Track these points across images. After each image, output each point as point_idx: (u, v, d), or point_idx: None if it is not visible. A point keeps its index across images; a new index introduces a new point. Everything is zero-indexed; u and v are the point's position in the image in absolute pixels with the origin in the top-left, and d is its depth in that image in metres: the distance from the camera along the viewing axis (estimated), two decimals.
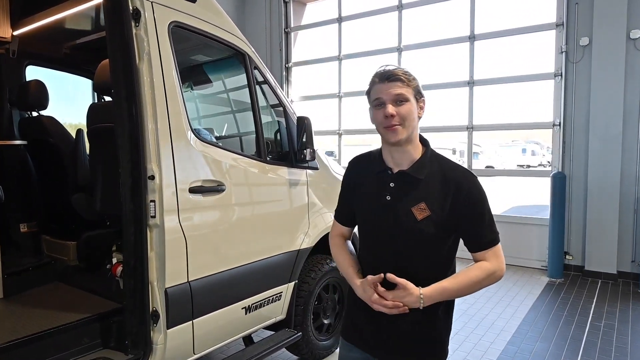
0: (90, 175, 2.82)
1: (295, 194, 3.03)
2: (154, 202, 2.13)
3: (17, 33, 3.38)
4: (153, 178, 2.11)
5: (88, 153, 3.09)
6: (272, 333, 2.99)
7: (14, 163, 3.31)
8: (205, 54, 3.06)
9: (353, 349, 1.58)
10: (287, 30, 8.23)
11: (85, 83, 4.25)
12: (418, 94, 1.40)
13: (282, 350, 3.22)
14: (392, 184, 1.44)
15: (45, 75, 3.67)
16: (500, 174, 11.34)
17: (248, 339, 2.95)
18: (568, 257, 5.70)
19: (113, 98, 2.15)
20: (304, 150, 2.90)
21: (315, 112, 8.39)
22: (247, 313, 2.67)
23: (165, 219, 2.15)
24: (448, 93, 6.88)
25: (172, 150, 2.19)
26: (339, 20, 7.68)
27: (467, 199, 1.38)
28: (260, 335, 3.02)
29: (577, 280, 5.41)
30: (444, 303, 1.44)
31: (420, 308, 1.34)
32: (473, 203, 1.39)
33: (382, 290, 1.36)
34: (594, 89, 5.42)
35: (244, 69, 2.76)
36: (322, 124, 8.14)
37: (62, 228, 3.30)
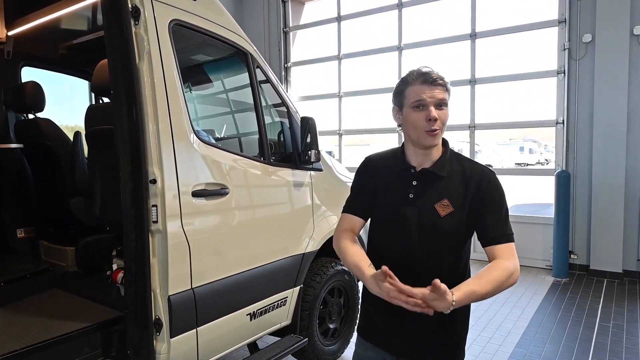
0: (89, 179, 2.75)
1: (300, 196, 2.96)
2: (156, 206, 2.05)
3: (12, 33, 3.30)
4: (155, 182, 2.03)
5: (86, 156, 3.01)
6: (277, 339, 2.91)
7: (10, 167, 3.22)
8: (207, 53, 2.98)
9: (370, 348, 1.58)
10: (285, 30, 8.15)
11: (82, 84, 4.17)
12: (449, 99, 1.43)
13: (287, 357, 3.15)
14: (414, 182, 1.47)
15: (41, 77, 3.58)
16: (505, 173, 11.28)
17: (253, 346, 2.87)
18: (573, 256, 5.64)
19: (112, 99, 2.08)
20: (309, 151, 2.83)
21: (315, 112, 8.32)
22: (252, 319, 2.60)
23: (168, 224, 2.07)
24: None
25: (174, 153, 2.11)
26: (338, 20, 7.61)
27: (487, 195, 1.41)
28: (265, 341, 2.94)
29: (582, 280, 5.36)
30: (463, 307, 1.36)
31: (447, 312, 1.23)
32: (492, 198, 1.42)
33: (411, 290, 1.22)
34: (598, 86, 5.37)
35: (247, 69, 2.68)
36: (322, 124, 8.06)
37: (60, 233, 3.22)
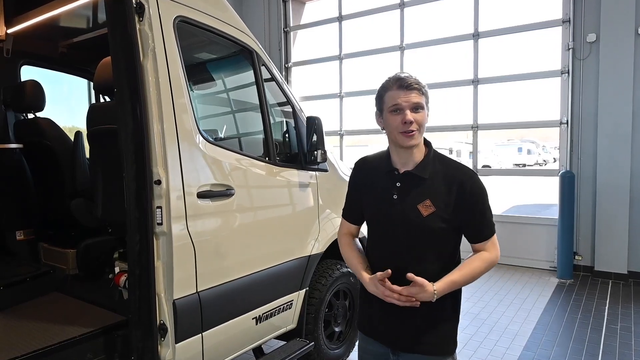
0: (91, 180, 2.69)
1: (306, 197, 2.90)
2: (161, 208, 1.99)
3: (11, 31, 3.24)
4: (159, 183, 1.98)
5: (88, 156, 2.95)
6: (282, 343, 2.86)
7: (9, 167, 3.16)
8: (212, 51, 2.93)
9: (370, 342, 1.66)
10: (286, 30, 8.10)
11: (81, 84, 4.11)
12: (428, 102, 1.50)
13: None
14: (398, 184, 1.54)
15: (41, 76, 3.52)
16: (507, 174, 11.32)
17: (258, 350, 2.81)
18: (577, 257, 5.59)
19: (116, 98, 2.02)
20: (315, 152, 2.77)
21: (316, 112, 8.27)
22: (257, 323, 2.54)
23: (173, 226, 2.02)
24: (452, 92, 6.77)
25: (179, 153, 2.06)
26: (340, 19, 7.56)
27: (469, 196, 1.48)
28: (270, 346, 2.89)
29: (587, 281, 5.31)
30: (452, 299, 1.54)
31: (433, 301, 1.42)
32: (475, 199, 1.49)
33: (397, 288, 1.43)
34: (602, 86, 5.33)
35: (252, 67, 2.63)
36: (323, 125, 8.00)
37: (60, 235, 3.16)
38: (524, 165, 25.89)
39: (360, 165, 1.72)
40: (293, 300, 2.80)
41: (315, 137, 2.78)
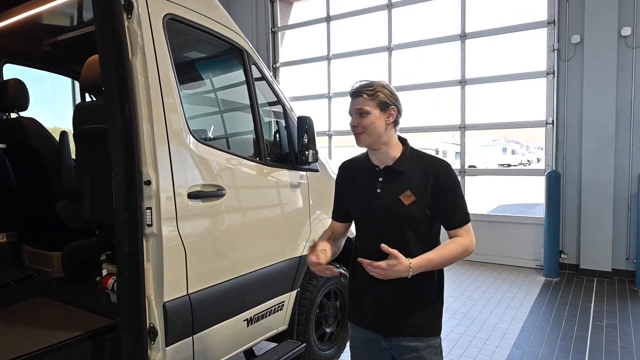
0: (77, 181, 2.63)
1: (297, 198, 2.89)
2: (151, 209, 1.96)
3: None
4: (149, 183, 1.94)
5: (74, 157, 2.89)
6: (273, 345, 2.83)
7: None
8: (202, 50, 2.89)
9: (362, 331, 1.76)
10: (273, 30, 8.07)
11: (65, 84, 4.03)
12: (383, 105, 1.61)
13: None
14: (380, 179, 1.67)
15: (24, 75, 3.43)
16: (494, 174, 11.48)
17: (249, 353, 2.79)
18: (563, 255, 5.67)
19: (104, 96, 1.97)
20: (306, 152, 2.76)
21: (304, 113, 8.24)
22: (249, 325, 2.51)
23: (163, 227, 1.98)
24: (439, 92, 6.82)
25: (169, 153, 2.02)
26: (327, 20, 7.55)
27: (444, 184, 1.62)
28: (261, 347, 2.86)
29: (573, 279, 5.39)
30: (436, 283, 1.68)
31: (409, 277, 1.52)
32: (449, 187, 1.63)
33: (376, 263, 1.51)
34: (587, 87, 5.41)
35: (242, 66, 2.60)
36: (314, 125, 7.99)
37: (45, 237, 3.08)
38: (509, 165, 26.20)
39: (344, 167, 1.86)
40: (284, 302, 2.78)
41: (307, 137, 2.76)
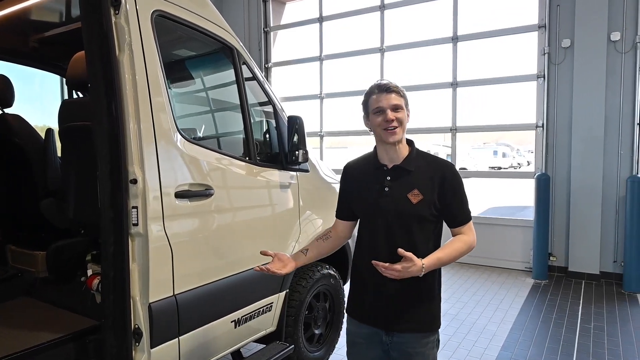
0: (62, 179, 2.58)
1: (286, 198, 2.86)
2: (137, 208, 1.92)
3: None
4: (135, 182, 1.91)
5: (59, 155, 2.84)
6: (261, 346, 2.80)
7: None
8: (191, 48, 2.85)
9: (362, 326, 1.81)
10: (266, 30, 8.04)
11: (54, 80, 3.97)
12: (407, 104, 1.72)
13: None
14: (388, 177, 1.73)
15: (12, 71, 3.37)
16: (485, 176, 11.53)
17: (237, 354, 2.76)
18: (552, 258, 5.71)
19: (90, 93, 1.94)
20: (296, 152, 2.73)
21: (296, 113, 8.22)
22: (236, 326, 2.48)
23: (149, 227, 1.95)
24: (431, 94, 6.84)
25: (156, 151, 1.99)
26: (320, 20, 7.54)
27: (449, 184, 1.69)
28: (249, 349, 2.83)
29: (561, 281, 5.42)
30: (437, 280, 1.77)
31: (420, 275, 1.58)
32: (454, 188, 1.71)
33: (389, 265, 1.56)
34: (576, 91, 5.46)
35: (232, 65, 2.57)
36: (304, 125, 7.97)
37: (29, 236, 3.02)
38: (499, 168, 26.39)
39: (350, 166, 1.91)
40: (273, 303, 2.76)
41: (297, 137, 2.74)
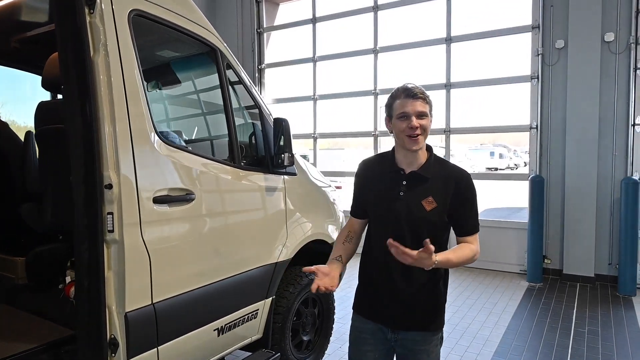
0: (40, 183, 2.51)
1: (272, 202, 2.80)
2: (112, 214, 1.86)
3: None
4: (110, 187, 1.84)
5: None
6: (247, 354, 2.74)
7: None
8: (173, 49, 2.79)
9: (367, 322, 1.85)
10: (259, 31, 7.98)
11: (38, 81, 3.89)
12: (431, 110, 1.70)
13: None
14: (404, 182, 1.73)
15: None
16: (481, 178, 11.47)
17: None
18: (546, 260, 5.66)
19: (64, 95, 1.88)
20: (282, 155, 2.67)
21: (290, 115, 8.16)
22: (219, 335, 2.42)
23: (125, 234, 1.88)
24: None
25: (133, 156, 1.92)
26: (313, 21, 7.49)
27: (464, 194, 1.71)
28: (236, 355, 2.77)
29: (556, 284, 5.37)
30: (443, 279, 1.80)
31: (428, 268, 1.58)
32: (467, 197, 1.72)
33: (408, 250, 1.54)
34: (570, 92, 5.41)
35: (216, 66, 2.51)
36: (296, 128, 7.92)
37: (8, 242, 2.95)
38: (496, 169, 26.38)
39: (366, 165, 1.92)
40: (258, 310, 2.69)
41: (283, 139, 2.67)
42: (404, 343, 1.79)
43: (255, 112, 2.77)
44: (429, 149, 1.78)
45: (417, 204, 1.69)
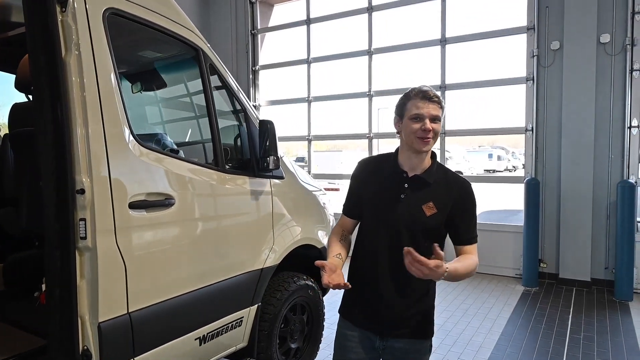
0: (15, 187, 2.43)
1: (258, 207, 2.72)
2: (85, 220, 1.79)
3: None
4: (83, 192, 1.77)
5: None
6: None
7: None
8: (152, 50, 2.71)
9: (352, 328, 1.81)
10: (253, 32, 7.91)
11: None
12: (443, 114, 1.69)
13: None
14: (406, 185, 1.72)
15: None
16: (477, 180, 11.46)
17: None
18: (542, 264, 5.59)
19: (34, 97, 1.81)
20: (267, 158, 2.60)
21: (284, 116, 8.11)
22: (201, 344, 2.34)
23: (99, 240, 1.81)
24: None
25: (107, 159, 1.85)
26: (308, 22, 7.43)
27: (464, 203, 1.71)
28: None
29: (552, 289, 5.30)
30: (433, 286, 1.79)
31: (438, 279, 1.55)
32: (467, 207, 1.73)
33: (423, 259, 1.45)
34: (566, 94, 5.35)
35: (198, 67, 2.44)
36: (291, 130, 7.86)
37: None
38: (494, 171, 26.33)
39: (366, 164, 1.87)
40: (243, 317, 2.61)
41: (268, 142, 2.60)
42: (393, 351, 1.76)
43: (240, 113, 2.70)
44: (433, 155, 1.77)
45: (417, 208, 1.68)
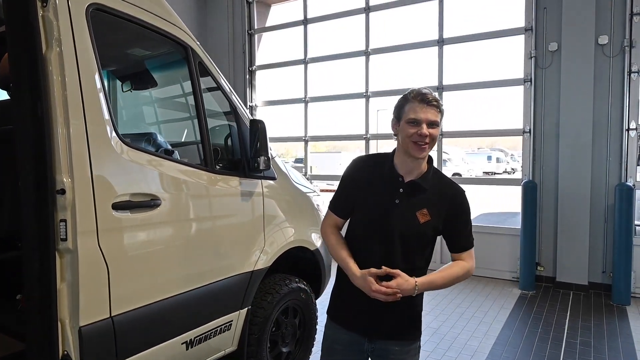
0: None
1: (248, 208, 2.67)
2: (65, 221, 1.74)
3: None
4: (63, 192, 1.72)
5: None
6: None
7: None
8: (139, 47, 2.66)
9: (341, 330, 1.80)
10: (250, 32, 7.87)
11: None
12: (442, 119, 1.65)
13: None
14: (401, 190, 1.69)
15: None
16: (474, 183, 11.43)
17: None
18: (539, 268, 5.53)
19: (12, 94, 1.76)
20: (258, 159, 2.54)
21: (281, 117, 8.06)
22: (188, 348, 2.29)
23: (80, 242, 1.76)
24: None
25: (89, 158, 1.80)
26: (305, 22, 7.38)
27: (458, 211, 1.71)
28: None
29: (549, 292, 5.25)
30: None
31: (414, 295, 1.61)
32: (461, 214, 1.72)
33: (383, 288, 1.57)
34: (564, 95, 5.31)
35: (187, 65, 2.39)
36: (287, 130, 7.81)
37: None
38: (493, 174, 26.30)
39: (360, 164, 1.82)
40: (232, 321, 2.56)
41: (259, 142, 2.54)
42: (381, 353, 1.76)
43: (230, 113, 2.65)
44: (429, 160, 1.74)
45: (411, 214, 1.66)
